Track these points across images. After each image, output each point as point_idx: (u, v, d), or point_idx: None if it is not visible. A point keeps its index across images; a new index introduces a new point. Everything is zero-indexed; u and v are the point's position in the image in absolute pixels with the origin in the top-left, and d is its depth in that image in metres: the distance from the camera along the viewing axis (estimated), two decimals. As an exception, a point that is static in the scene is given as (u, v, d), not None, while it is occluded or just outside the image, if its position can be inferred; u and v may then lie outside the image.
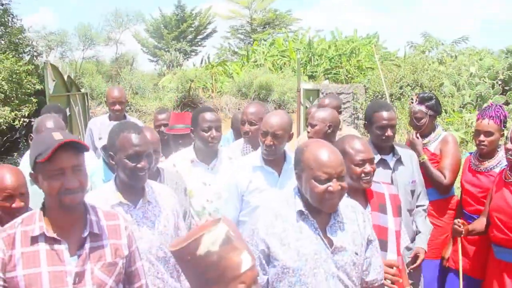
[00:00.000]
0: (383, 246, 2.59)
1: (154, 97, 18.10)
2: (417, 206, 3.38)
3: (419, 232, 3.33)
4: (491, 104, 3.55)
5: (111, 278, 1.98)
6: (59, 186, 1.82)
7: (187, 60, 25.08)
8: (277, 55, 19.97)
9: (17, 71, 8.47)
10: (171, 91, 17.74)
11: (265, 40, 22.43)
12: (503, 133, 3.36)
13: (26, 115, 8.42)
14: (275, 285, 2.10)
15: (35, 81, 8.94)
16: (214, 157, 3.35)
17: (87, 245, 1.93)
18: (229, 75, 19.54)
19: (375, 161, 2.71)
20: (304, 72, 19.23)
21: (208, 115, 3.19)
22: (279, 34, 23.55)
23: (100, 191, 2.59)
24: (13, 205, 2.37)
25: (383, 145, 3.27)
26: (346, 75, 18.52)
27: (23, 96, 8.63)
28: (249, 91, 17.35)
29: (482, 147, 3.38)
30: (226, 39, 27.71)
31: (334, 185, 2.01)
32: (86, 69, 20.66)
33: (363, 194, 2.66)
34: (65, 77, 7.64)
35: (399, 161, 3.28)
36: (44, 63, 7.00)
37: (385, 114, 3.24)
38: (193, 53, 26.47)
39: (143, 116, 16.60)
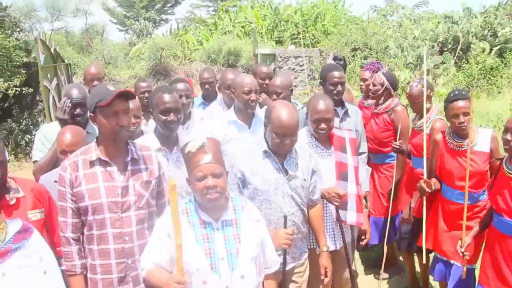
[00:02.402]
0: (344, 177, 3.36)
1: (127, 66, 19.13)
2: (360, 154, 3.97)
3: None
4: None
5: (147, 192, 2.67)
6: (115, 123, 2.50)
7: (157, 28, 26.14)
8: (244, 22, 21.33)
9: (7, 46, 10.00)
10: (142, 60, 18.95)
11: (234, 6, 23.67)
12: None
13: (17, 84, 10.00)
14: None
15: (22, 54, 10.48)
16: (187, 119, 3.89)
17: (129, 167, 2.64)
18: (199, 42, 20.91)
19: None
20: (271, 38, 20.80)
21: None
22: (246, 1, 24.78)
23: (145, 139, 3.17)
24: None
25: (334, 99, 3.81)
26: (312, 40, 20.09)
27: (13, 68, 10.18)
28: (218, 57, 18.77)
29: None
30: (195, 7, 28.89)
31: (287, 141, 2.83)
32: (56, 40, 21.36)
33: (328, 138, 3.42)
34: (52, 50, 9.17)
35: (346, 113, 4.03)
36: (35, 38, 8.58)
37: (336, 73, 3.97)
38: (162, 22, 27.62)
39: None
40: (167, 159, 3.06)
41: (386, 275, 4.69)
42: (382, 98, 4.50)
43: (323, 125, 3.28)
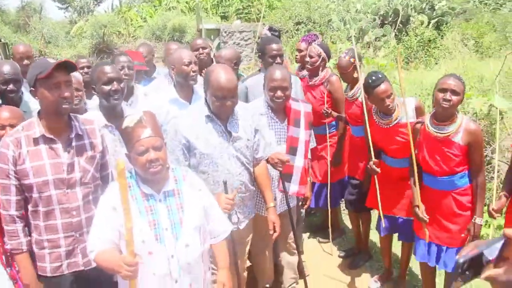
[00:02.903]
0: (294, 152, 3.48)
1: (68, 45, 18.66)
2: None
3: None
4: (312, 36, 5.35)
5: (92, 167, 2.70)
6: (57, 95, 2.47)
7: (98, 5, 25.39)
8: (188, -3, 21.07)
9: None
10: (85, 38, 18.46)
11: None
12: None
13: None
14: (198, 167, 2.93)
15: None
16: (130, 94, 3.94)
17: (74, 144, 2.62)
18: (142, 19, 20.53)
19: None
20: (216, 13, 20.67)
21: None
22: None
23: (91, 116, 3.08)
24: None
25: None
26: (257, 14, 20.10)
27: None
28: (163, 34, 18.52)
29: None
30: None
31: (228, 103, 2.88)
32: (-11, 19, 20.57)
33: (283, 111, 3.51)
34: (-14, 29, 8.85)
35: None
36: (-33, 17, 8.21)
37: (274, 46, 4.09)
38: (104, -2, 26.75)
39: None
40: (113, 135, 3.04)
41: (329, 239, 4.93)
42: (320, 69, 4.63)
43: (279, 93, 3.36)
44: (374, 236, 4.85)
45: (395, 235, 4.13)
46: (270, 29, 5.80)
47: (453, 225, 3.43)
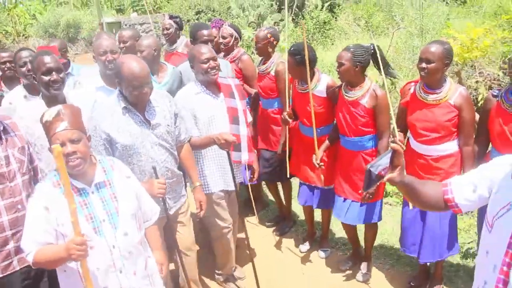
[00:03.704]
0: (236, 121, 3.68)
1: None
2: None
3: None
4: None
5: (25, 157, 2.80)
6: None
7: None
8: (80, -9, 20.39)
9: None
10: (-35, 41, 17.35)
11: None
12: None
13: None
14: (123, 159, 2.89)
15: None
16: None
17: (3, 137, 2.70)
18: (31, 16, 19.53)
19: None
20: (111, 6, 20.19)
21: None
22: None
23: (31, 106, 3.20)
24: None
25: None
26: (154, 6, 19.94)
27: None
28: (56, 31, 17.76)
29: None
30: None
31: (145, 90, 2.91)
32: None
33: (216, 86, 3.69)
34: None
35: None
36: None
37: (205, 32, 4.42)
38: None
39: None
40: None
41: (253, 213, 5.24)
42: (234, 48, 4.91)
43: (212, 63, 3.53)
44: (297, 204, 5.27)
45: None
46: (171, 17, 5.96)
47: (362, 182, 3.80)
